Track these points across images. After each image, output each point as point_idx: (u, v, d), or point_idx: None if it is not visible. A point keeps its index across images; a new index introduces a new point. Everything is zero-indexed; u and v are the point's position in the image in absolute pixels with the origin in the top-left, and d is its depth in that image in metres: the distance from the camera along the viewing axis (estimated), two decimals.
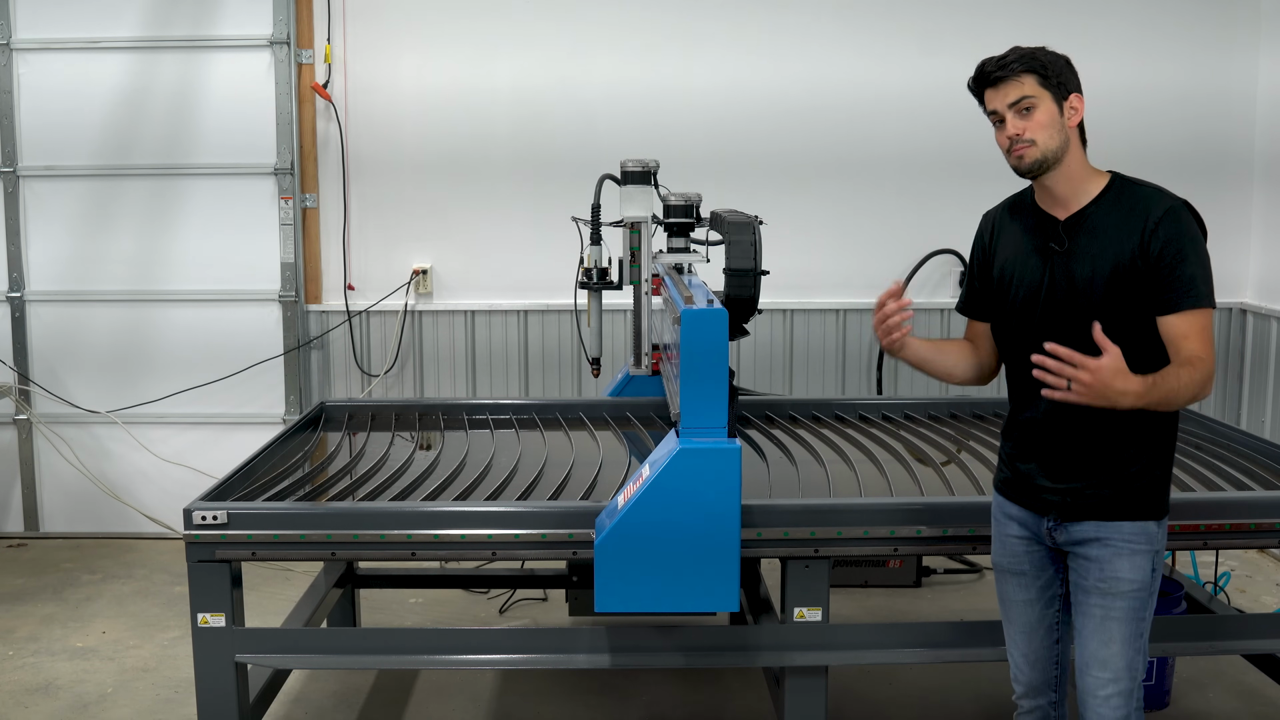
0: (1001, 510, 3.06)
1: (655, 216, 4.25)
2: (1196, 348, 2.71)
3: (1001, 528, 3.06)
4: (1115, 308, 2.76)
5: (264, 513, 3.39)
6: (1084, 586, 2.87)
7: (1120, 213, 2.78)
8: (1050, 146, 2.77)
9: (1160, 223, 2.72)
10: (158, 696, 4.50)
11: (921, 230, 6.23)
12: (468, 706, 4.39)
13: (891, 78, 6.14)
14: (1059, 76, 2.78)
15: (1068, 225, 2.84)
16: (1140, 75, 6.07)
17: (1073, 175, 2.82)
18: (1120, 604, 2.81)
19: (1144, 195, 2.79)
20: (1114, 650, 2.82)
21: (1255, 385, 6.25)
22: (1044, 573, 3.00)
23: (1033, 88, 2.77)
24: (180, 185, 6.20)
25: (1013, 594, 3.05)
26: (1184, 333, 2.72)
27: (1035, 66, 2.77)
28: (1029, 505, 2.97)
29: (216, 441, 6.23)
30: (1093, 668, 2.84)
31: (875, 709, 4.36)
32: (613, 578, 3.13)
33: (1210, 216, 2.88)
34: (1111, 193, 2.82)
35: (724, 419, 3.11)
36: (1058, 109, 2.78)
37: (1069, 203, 2.84)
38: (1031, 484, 2.94)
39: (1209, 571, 5.04)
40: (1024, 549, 3.00)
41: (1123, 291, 2.76)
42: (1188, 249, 2.72)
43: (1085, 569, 2.86)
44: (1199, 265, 2.73)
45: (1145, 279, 2.74)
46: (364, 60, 6.13)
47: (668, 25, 6.12)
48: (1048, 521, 2.93)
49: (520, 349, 6.31)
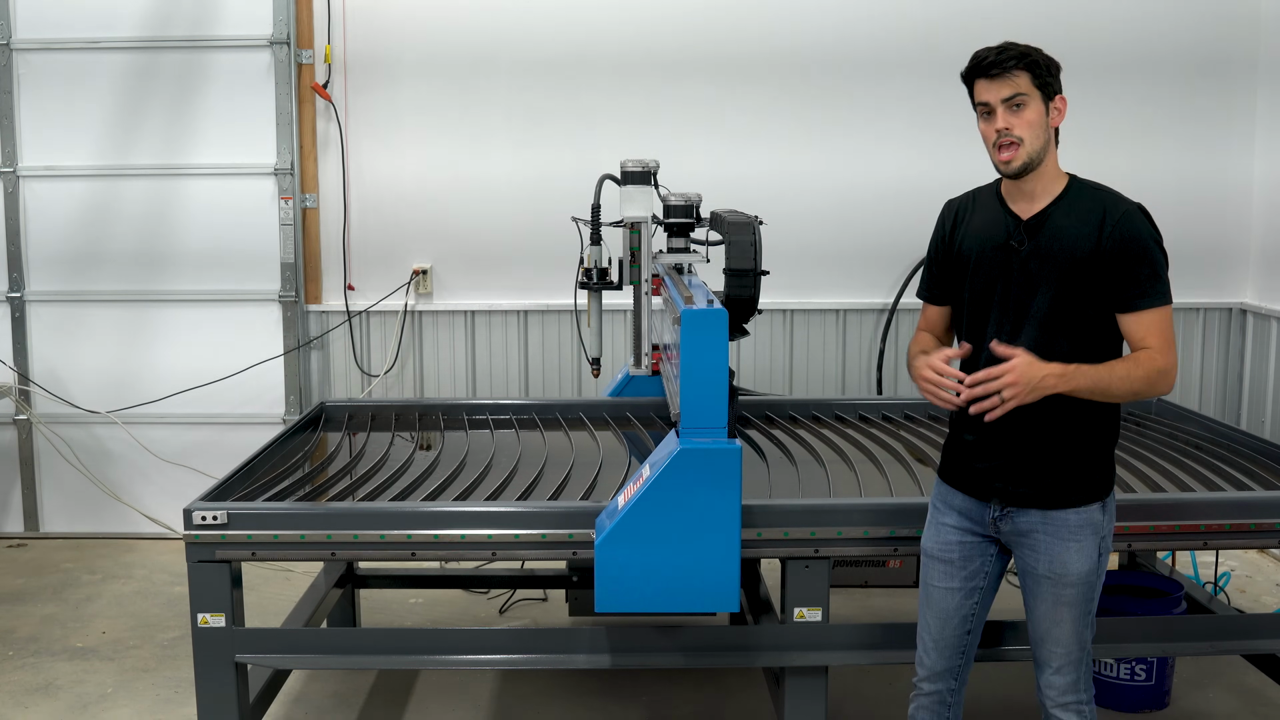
0: (942, 499, 3.14)
1: (655, 216, 4.25)
2: (1154, 344, 2.83)
3: (939, 515, 3.14)
4: (1072, 305, 2.86)
5: (264, 513, 3.39)
6: (1034, 573, 2.98)
7: (1079, 214, 2.86)
8: (1035, 146, 2.85)
9: (1116, 226, 2.81)
10: (158, 696, 4.50)
11: (922, 230, 6.22)
12: (468, 706, 4.39)
13: (891, 86, 6.14)
14: (1049, 77, 2.85)
15: (1029, 225, 2.91)
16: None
17: (1046, 175, 2.90)
18: (1069, 591, 2.94)
19: (1099, 198, 2.88)
20: (1064, 629, 2.96)
21: (1255, 385, 6.25)
22: (970, 564, 3.09)
23: (1026, 85, 2.83)
24: (180, 185, 6.20)
25: (935, 580, 3.13)
26: (1142, 332, 2.85)
27: (1031, 64, 2.83)
28: (973, 492, 3.04)
29: (216, 441, 6.23)
30: (1045, 642, 2.99)
31: (875, 709, 4.36)
32: (613, 578, 3.13)
33: (1211, 215, 2.90)
34: (1071, 194, 2.90)
35: (724, 419, 3.11)
36: (1044, 109, 2.85)
37: (1034, 201, 2.92)
38: (974, 469, 3.02)
39: (1209, 571, 5.04)
40: (956, 539, 3.09)
41: (1078, 291, 2.85)
42: (1143, 250, 2.82)
43: (1034, 558, 2.97)
44: (1154, 265, 2.83)
45: (1102, 279, 2.83)
46: (364, 60, 6.13)
47: (668, 14, 6.12)
48: (993, 510, 3.00)
49: (520, 349, 6.31)
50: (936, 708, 3.19)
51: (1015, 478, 2.94)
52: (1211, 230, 6.17)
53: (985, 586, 3.11)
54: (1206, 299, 6.26)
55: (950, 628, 3.12)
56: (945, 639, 3.14)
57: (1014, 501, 2.96)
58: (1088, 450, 2.93)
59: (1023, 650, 3.37)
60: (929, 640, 3.16)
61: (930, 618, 3.15)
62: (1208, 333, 6.35)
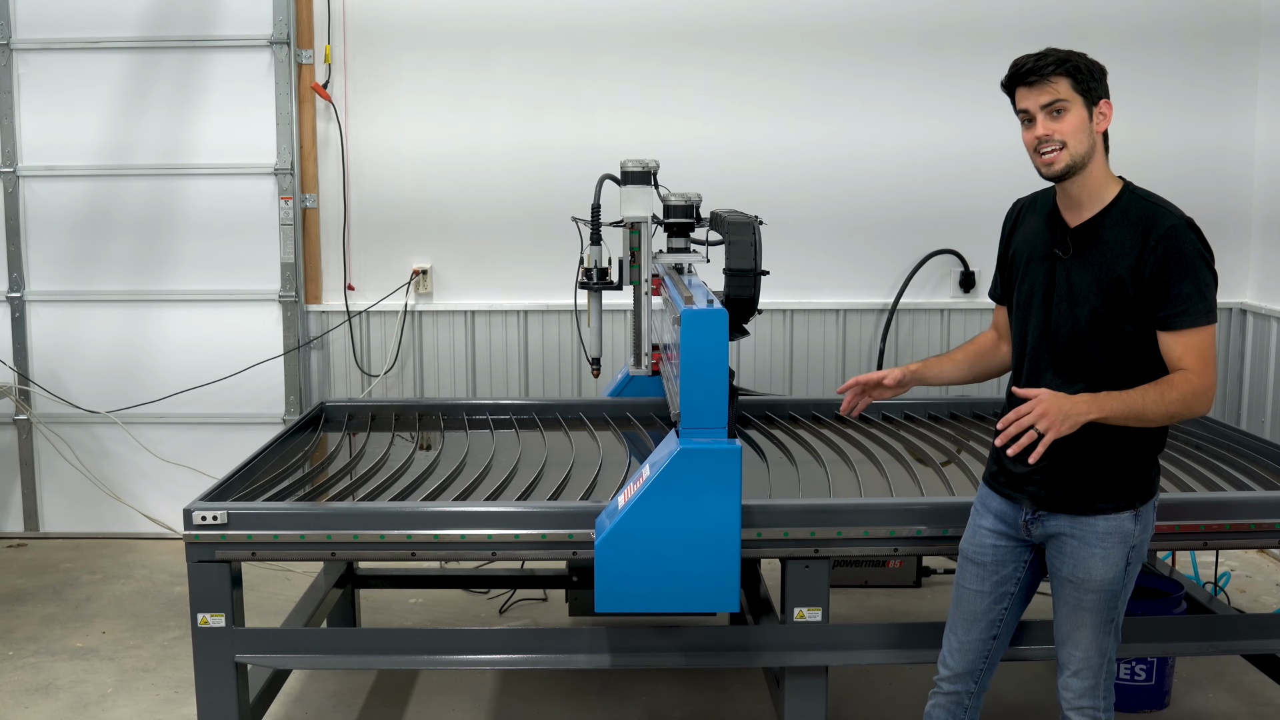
0: (983, 501, 3.15)
1: (655, 216, 4.25)
2: (1190, 365, 2.78)
3: (977, 518, 3.15)
4: (1111, 319, 2.83)
5: (264, 513, 3.39)
6: (1059, 575, 2.98)
7: (1125, 227, 2.82)
8: (1079, 151, 2.82)
9: (1160, 241, 2.76)
10: (158, 696, 4.50)
11: (922, 230, 6.23)
12: (468, 706, 4.39)
13: (891, 72, 6.15)
14: (1092, 82, 2.82)
15: (1076, 234, 2.89)
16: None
17: (1093, 181, 2.87)
18: (1091, 597, 2.93)
19: (1148, 211, 2.83)
20: (1084, 634, 2.96)
21: (1255, 385, 6.25)
22: (1002, 569, 3.09)
23: (1066, 91, 2.80)
24: (180, 185, 6.20)
25: (967, 581, 3.13)
26: (1180, 352, 2.79)
27: (1070, 70, 2.80)
28: (1008, 495, 3.04)
29: (216, 441, 6.23)
30: (1065, 644, 2.99)
31: (875, 709, 4.36)
32: (613, 578, 3.13)
33: (1210, 215, 2.89)
34: (1120, 204, 2.86)
35: (724, 419, 3.11)
36: (1088, 114, 2.82)
37: (1083, 208, 2.89)
38: (1009, 472, 3.02)
39: (1209, 571, 5.04)
40: (991, 541, 3.09)
41: (1117, 305, 2.82)
42: (1185, 268, 2.76)
43: (1060, 561, 2.97)
44: (1196, 283, 2.77)
45: (1141, 295, 2.80)
46: (364, 60, 6.13)
47: (667, 19, 6.12)
48: (1025, 514, 3.00)
49: (520, 349, 6.31)
50: (954, 708, 3.18)
51: (1048, 481, 2.93)
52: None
53: (1016, 593, 3.10)
54: None
55: (976, 630, 3.12)
56: (970, 642, 3.13)
57: (1045, 505, 2.95)
58: (1122, 459, 2.88)
59: (1042, 650, 3.38)
60: (954, 641, 3.15)
61: (958, 619, 3.15)
62: None
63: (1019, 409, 2.76)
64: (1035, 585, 3.14)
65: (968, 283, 6.25)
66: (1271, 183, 6.16)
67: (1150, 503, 2.95)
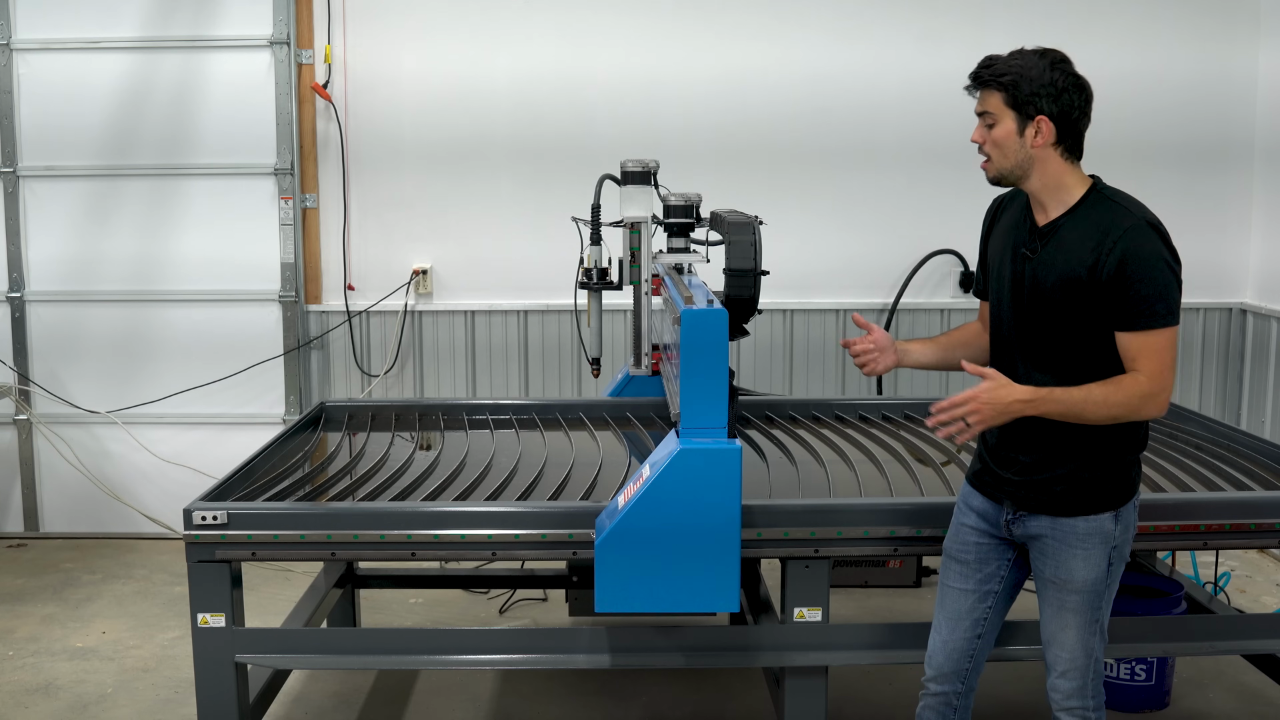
0: (965, 500, 3.15)
1: (655, 216, 4.25)
2: (1144, 367, 2.76)
3: (960, 516, 3.15)
4: (1071, 318, 2.83)
5: (264, 513, 3.39)
6: (1042, 576, 2.99)
7: (1086, 227, 2.81)
8: (1003, 165, 2.85)
9: (1118, 241, 2.74)
10: (158, 696, 4.50)
11: (922, 229, 6.23)
12: (468, 706, 4.39)
13: (892, 72, 6.13)
14: (1030, 97, 2.78)
15: (1042, 232, 2.90)
16: (1141, 66, 6.02)
17: (1047, 187, 2.86)
18: (1074, 598, 2.93)
19: (1110, 211, 2.81)
20: (1070, 635, 2.96)
21: (1255, 385, 6.25)
22: (985, 567, 3.09)
23: (996, 105, 2.82)
24: (180, 185, 6.20)
25: (951, 580, 3.14)
26: (1134, 353, 2.77)
27: (1007, 84, 2.79)
28: (990, 494, 3.05)
29: (216, 441, 6.23)
30: (1051, 646, 3.00)
31: (875, 709, 4.36)
32: (613, 578, 3.13)
33: (1210, 215, 2.88)
34: (1085, 205, 2.85)
35: (724, 419, 3.11)
36: (1018, 129, 2.80)
37: (1047, 209, 2.90)
38: (991, 471, 3.03)
39: (1209, 571, 5.04)
40: (974, 539, 3.10)
41: (1076, 304, 2.82)
42: (1143, 268, 2.73)
43: (1042, 562, 2.97)
44: (1155, 285, 2.73)
45: (1100, 295, 2.78)
46: (364, 60, 6.13)
47: (667, 19, 6.12)
48: (1006, 513, 3.01)
49: (520, 349, 6.31)
50: (943, 709, 3.18)
51: (1028, 483, 2.94)
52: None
53: (999, 592, 3.10)
54: (1206, 299, 6.25)
55: (960, 630, 3.12)
56: (954, 641, 3.13)
57: (1025, 505, 2.96)
58: (1102, 460, 2.88)
59: (1031, 650, 3.37)
60: (938, 641, 3.16)
61: (942, 619, 3.15)
62: (1208, 333, 6.35)
63: (954, 399, 2.78)
64: (1019, 584, 3.14)
65: (968, 283, 6.25)
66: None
67: (1131, 503, 2.94)
